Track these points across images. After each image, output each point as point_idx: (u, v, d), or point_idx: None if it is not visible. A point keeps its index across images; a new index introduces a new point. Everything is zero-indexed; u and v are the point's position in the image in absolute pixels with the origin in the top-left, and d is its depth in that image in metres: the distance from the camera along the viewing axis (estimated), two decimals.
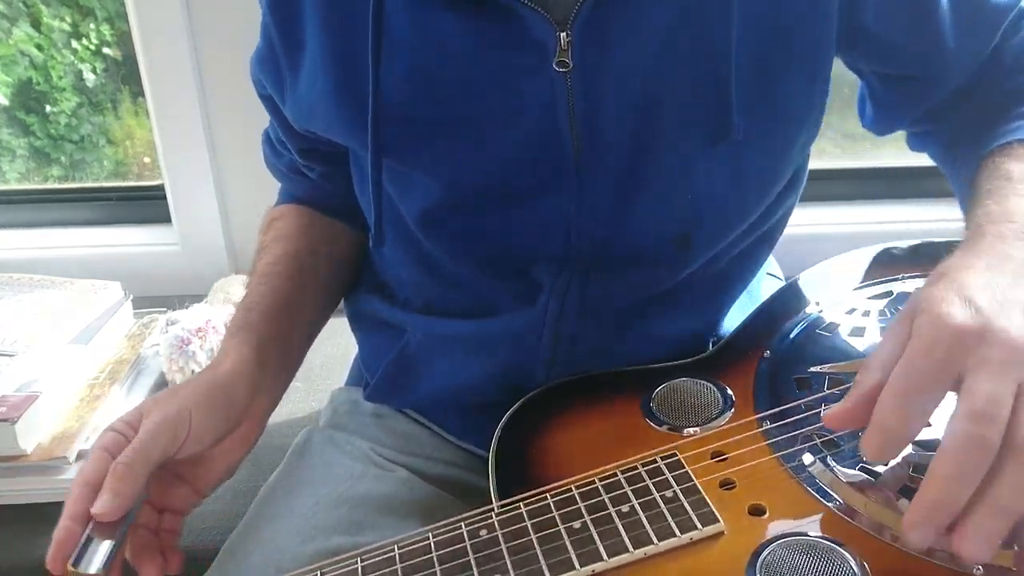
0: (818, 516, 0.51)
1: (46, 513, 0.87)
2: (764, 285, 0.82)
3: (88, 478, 0.55)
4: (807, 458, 0.55)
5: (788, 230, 0.77)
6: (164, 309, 1.14)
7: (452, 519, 0.53)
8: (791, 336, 0.67)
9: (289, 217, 0.80)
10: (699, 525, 0.50)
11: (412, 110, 0.61)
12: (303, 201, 0.81)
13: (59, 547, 0.52)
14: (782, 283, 0.88)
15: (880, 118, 0.73)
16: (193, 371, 1.03)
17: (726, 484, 0.54)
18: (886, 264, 0.73)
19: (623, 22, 0.57)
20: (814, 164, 0.75)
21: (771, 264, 0.88)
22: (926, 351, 0.46)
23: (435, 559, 0.50)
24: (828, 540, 0.48)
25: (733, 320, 0.75)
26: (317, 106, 0.64)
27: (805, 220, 1.33)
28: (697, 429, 0.59)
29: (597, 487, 0.53)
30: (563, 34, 0.56)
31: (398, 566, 0.50)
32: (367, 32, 0.59)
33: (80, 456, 0.90)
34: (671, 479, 0.53)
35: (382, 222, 0.67)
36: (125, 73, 1.38)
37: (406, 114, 0.61)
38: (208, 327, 1.05)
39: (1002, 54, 0.68)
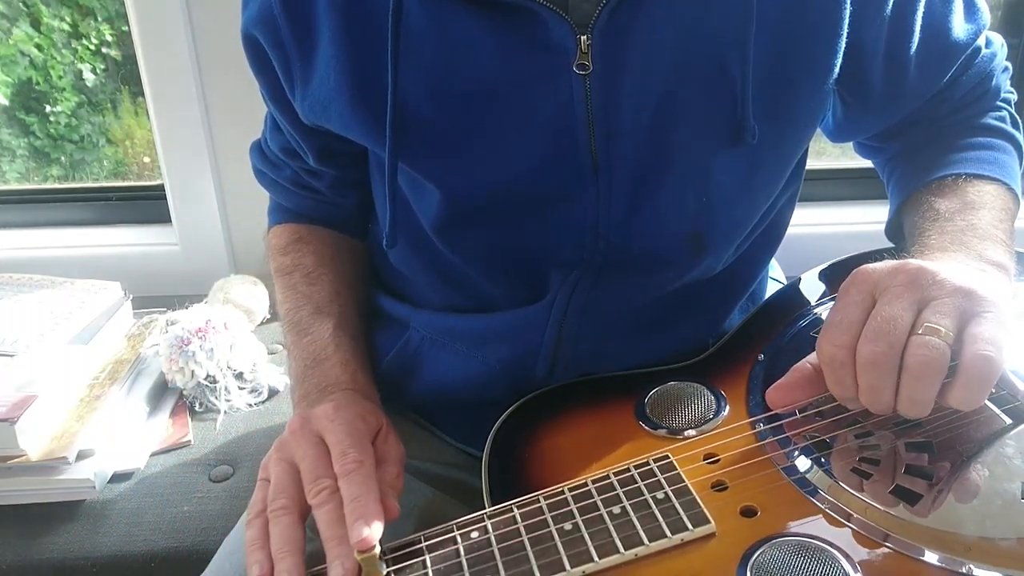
0: (810, 517, 0.51)
1: (46, 513, 0.88)
2: (766, 291, 0.82)
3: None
4: (799, 459, 0.55)
5: (788, 230, 0.77)
6: (164, 309, 1.15)
7: (444, 524, 0.53)
8: (785, 339, 0.67)
9: (315, 241, 0.79)
10: (690, 526, 0.50)
11: (429, 112, 0.61)
12: (313, 219, 0.80)
13: None
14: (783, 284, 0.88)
15: (836, 131, 0.76)
16: (193, 372, 1.03)
17: (718, 485, 0.54)
18: None
19: (642, 26, 0.57)
20: (814, 164, 0.76)
21: (773, 267, 0.89)
22: (845, 293, 0.54)
23: (427, 561, 0.51)
24: (819, 541, 0.49)
25: (734, 322, 0.75)
26: (331, 104, 0.63)
27: (805, 220, 1.33)
28: (690, 431, 0.59)
29: (589, 489, 0.53)
30: (583, 37, 0.57)
31: (391, 568, 0.51)
32: (384, 33, 0.59)
33: (80, 456, 0.90)
34: (663, 480, 0.53)
35: (396, 224, 0.67)
36: (125, 73, 1.39)
37: (423, 116, 0.61)
38: (208, 327, 1.05)
39: (953, 88, 0.71)
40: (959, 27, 0.68)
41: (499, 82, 0.59)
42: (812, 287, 0.74)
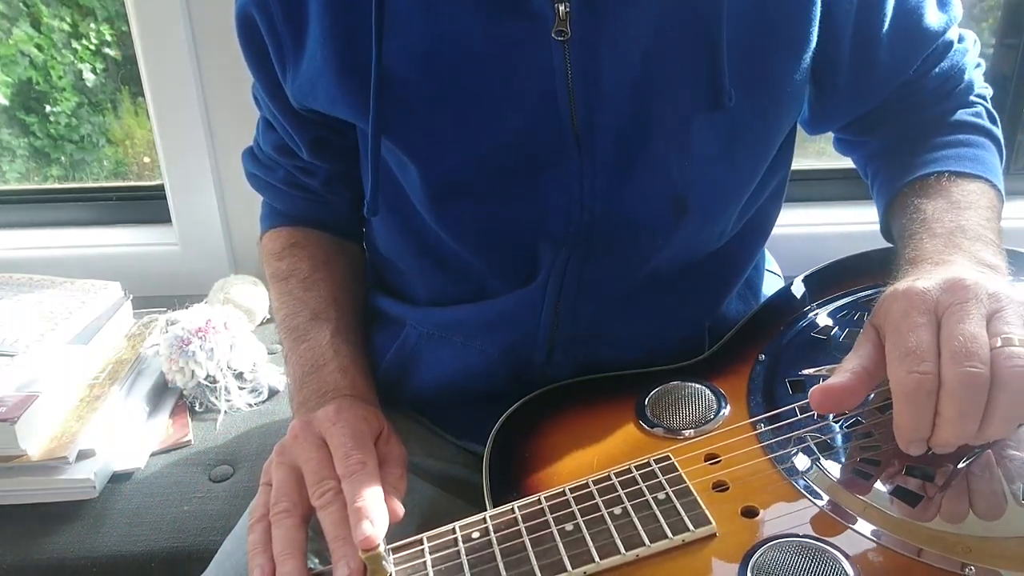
0: (810, 517, 0.51)
1: (46, 513, 0.88)
2: (763, 280, 0.82)
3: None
4: (800, 460, 0.55)
5: (788, 230, 0.77)
6: (164, 309, 1.15)
7: (446, 525, 0.53)
8: (785, 339, 0.67)
9: (310, 246, 0.79)
10: (691, 527, 0.50)
11: (413, 83, 0.62)
12: (308, 222, 0.81)
13: None
14: (781, 279, 0.88)
15: (810, 118, 0.75)
16: (193, 372, 1.03)
17: (719, 486, 0.54)
18: (883, 267, 0.73)
19: None
20: (813, 164, 0.76)
21: (770, 262, 0.89)
22: (905, 316, 0.51)
23: (428, 562, 0.51)
24: (820, 541, 0.49)
25: (731, 309, 0.75)
26: (319, 80, 0.64)
27: (805, 220, 1.32)
28: (691, 432, 0.59)
29: (590, 489, 0.53)
30: (561, 6, 0.58)
31: (393, 569, 0.51)
32: (369, 7, 0.60)
33: (80, 456, 0.90)
34: (664, 481, 0.53)
35: (378, 191, 0.68)
36: (125, 73, 1.39)
37: (407, 87, 0.62)
38: (208, 327, 1.05)
39: (924, 80, 0.72)
40: (932, 14, 0.69)
41: (481, 52, 0.60)
42: (811, 287, 0.74)
